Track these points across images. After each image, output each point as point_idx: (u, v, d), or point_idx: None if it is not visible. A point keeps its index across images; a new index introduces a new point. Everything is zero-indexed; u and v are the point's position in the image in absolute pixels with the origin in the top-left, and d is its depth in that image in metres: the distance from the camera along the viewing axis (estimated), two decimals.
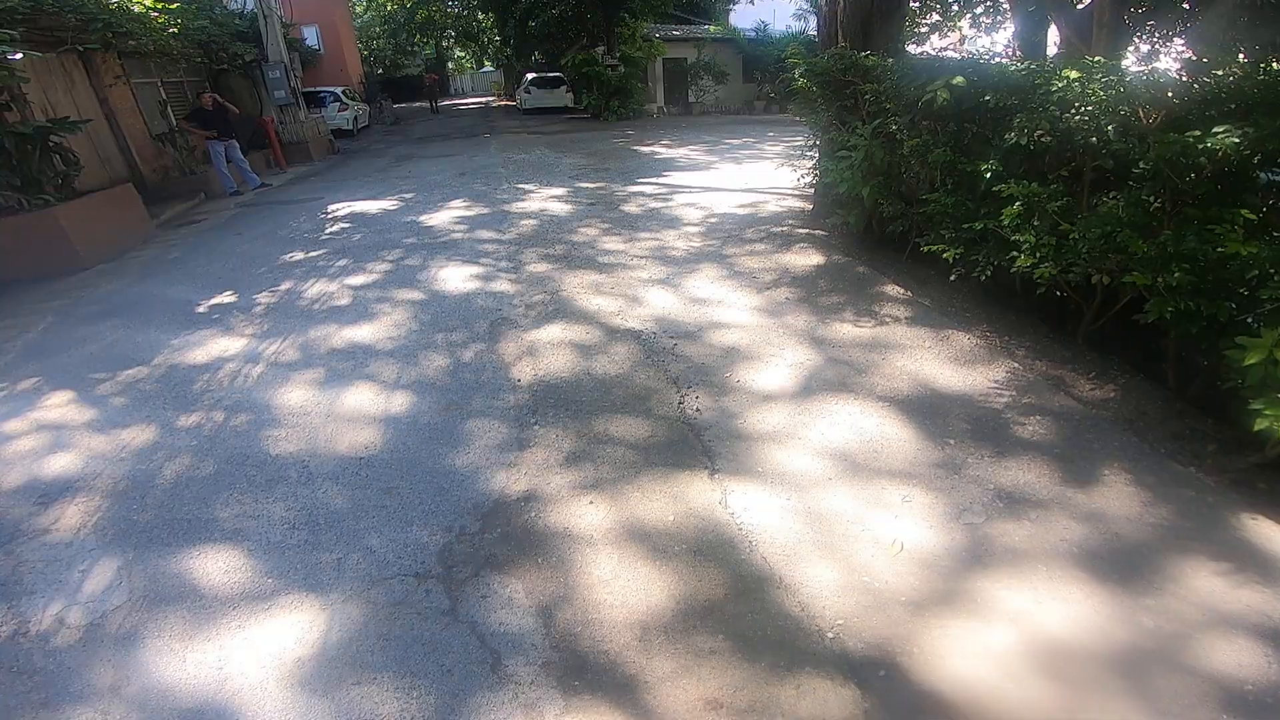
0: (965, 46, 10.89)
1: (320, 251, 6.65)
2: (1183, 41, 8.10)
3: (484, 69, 47.34)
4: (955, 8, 10.55)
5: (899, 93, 4.84)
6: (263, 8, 14.34)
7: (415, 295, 5.26)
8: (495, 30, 29.55)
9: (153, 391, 3.96)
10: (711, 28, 26.19)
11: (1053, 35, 9.04)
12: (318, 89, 19.92)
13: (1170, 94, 3.19)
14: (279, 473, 3.11)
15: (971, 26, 10.82)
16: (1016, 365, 3.81)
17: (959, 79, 4.14)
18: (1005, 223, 3.61)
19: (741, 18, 29.08)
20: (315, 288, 5.55)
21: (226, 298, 5.45)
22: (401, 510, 2.82)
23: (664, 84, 23.89)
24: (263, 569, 2.54)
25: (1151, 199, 3.22)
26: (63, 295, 5.96)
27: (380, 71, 39.65)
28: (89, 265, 6.89)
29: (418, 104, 34.54)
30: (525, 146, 14.61)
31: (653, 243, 6.35)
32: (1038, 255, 3.47)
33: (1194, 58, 3.27)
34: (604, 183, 9.58)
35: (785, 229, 6.65)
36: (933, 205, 4.30)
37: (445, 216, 7.78)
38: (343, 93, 20.40)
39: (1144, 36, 8.45)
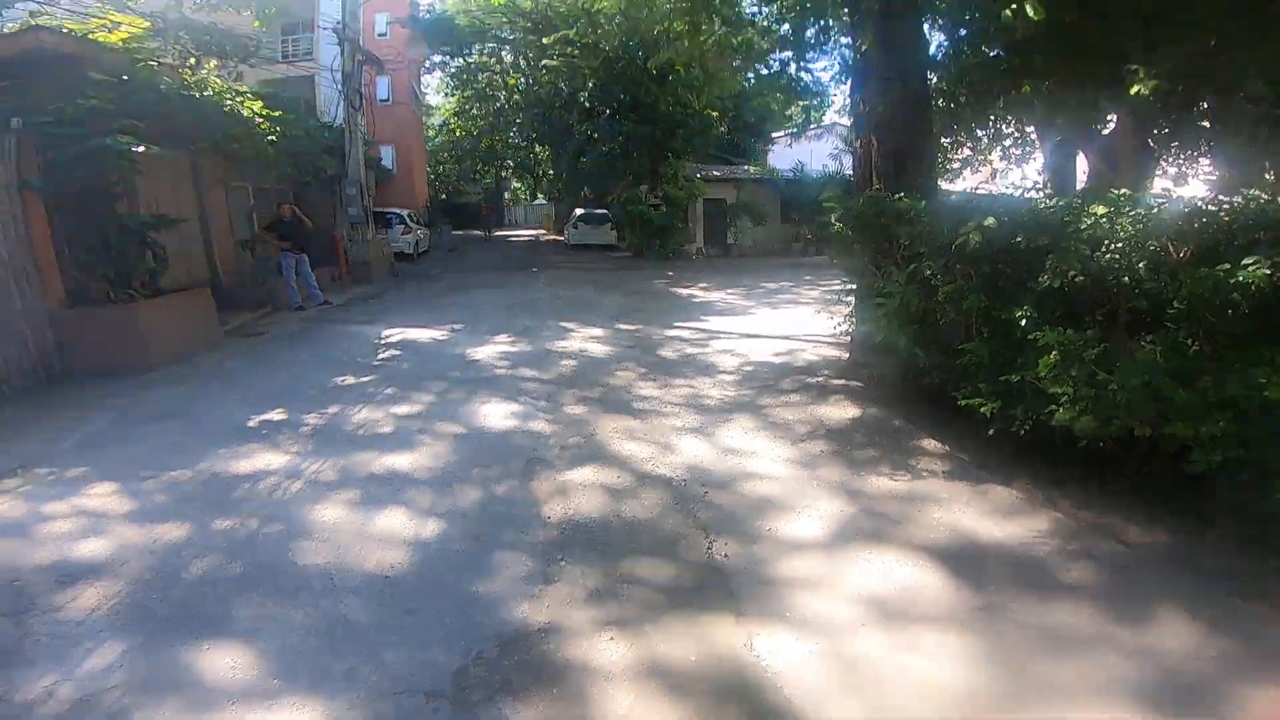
0: (997, 180, 11.10)
1: (370, 378, 7.02)
2: (1209, 162, 8.12)
3: (537, 201, 50.03)
4: (985, 141, 10.76)
5: (932, 236, 4.90)
6: (350, 125, 15.61)
7: (456, 429, 5.48)
8: (550, 164, 31.41)
9: (193, 493, 4.15)
10: (751, 168, 27.20)
11: (1082, 165, 9.20)
12: (386, 210, 21.20)
13: (1197, 223, 3.23)
14: (304, 581, 3.19)
15: (1002, 159, 11.01)
16: (1059, 515, 3.81)
17: (990, 220, 4.23)
18: (1042, 374, 3.65)
19: (779, 158, 29.64)
20: (362, 413, 5.82)
21: (277, 415, 5.76)
22: (421, 629, 2.85)
23: (703, 224, 24.69)
24: (270, 669, 2.57)
25: (1189, 341, 3.24)
26: (126, 394, 6.35)
27: (444, 196, 42.19)
28: (156, 366, 7.21)
29: (475, 231, 36.47)
30: (571, 283, 15.43)
31: (687, 390, 6.55)
32: (1077, 408, 3.48)
33: (1220, 178, 3.38)
34: (642, 325, 10.01)
35: (821, 379, 6.84)
36: (968, 356, 4.39)
37: (491, 351, 8.17)
38: (409, 216, 21.85)
39: (1170, 159, 8.48)
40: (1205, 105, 6.85)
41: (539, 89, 25.61)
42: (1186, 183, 8.30)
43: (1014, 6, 4.55)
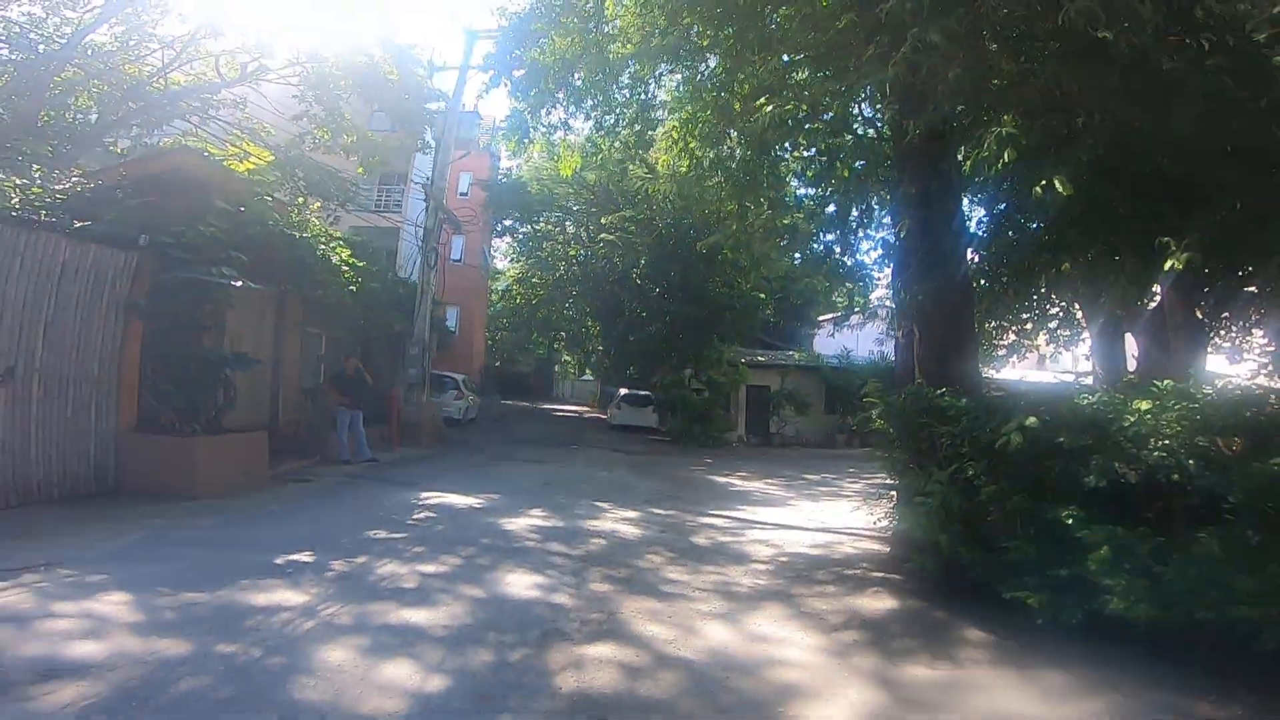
0: (1045, 365, 10.63)
1: (402, 535, 7.05)
2: (1263, 334, 7.73)
3: (584, 377, 49.96)
4: (1030, 324, 10.51)
5: (974, 436, 4.90)
6: (423, 282, 16.05)
7: (478, 592, 5.40)
8: (599, 339, 31.81)
9: (204, 617, 4.13)
10: (796, 354, 27.05)
11: (1131, 345, 8.86)
12: (443, 373, 21.28)
13: (1248, 413, 3.17)
14: (293, 714, 3.09)
15: (1049, 342, 10.69)
16: (1120, 697, 3.53)
17: (1031, 420, 4.22)
18: (1094, 568, 3.52)
19: (825, 345, 29.20)
20: (388, 567, 5.82)
21: (305, 557, 5.80)
22: None
23: (745, 412, 24.25)
24: None
25: (1250, 534, 3.11)
26: (165, 516, 6.57)
27: (498, 363, 42.44)
28: (198, 498, 7.36)
29: (522, 402, 36.64)
30: (609, 464, 15.46)
31: (717, 576, 6.33)
32: (1131, 598, 3.33)
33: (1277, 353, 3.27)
34: (676, 510, 9.87)
35: (859, 571, 6.56)
36: (1013, 553, 4.24)
37: (523, 523, 8.14)
38: (463, 382, 22.12)
39: (1221, 333, 8.09)
40: (1251, 269, 6.56)
41: (596, 261, 26.73)
42: (1241, 359, 7.96)
43: (1044, 183, 4.71)
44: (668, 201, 22.40)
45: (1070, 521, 3.83)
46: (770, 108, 6.20)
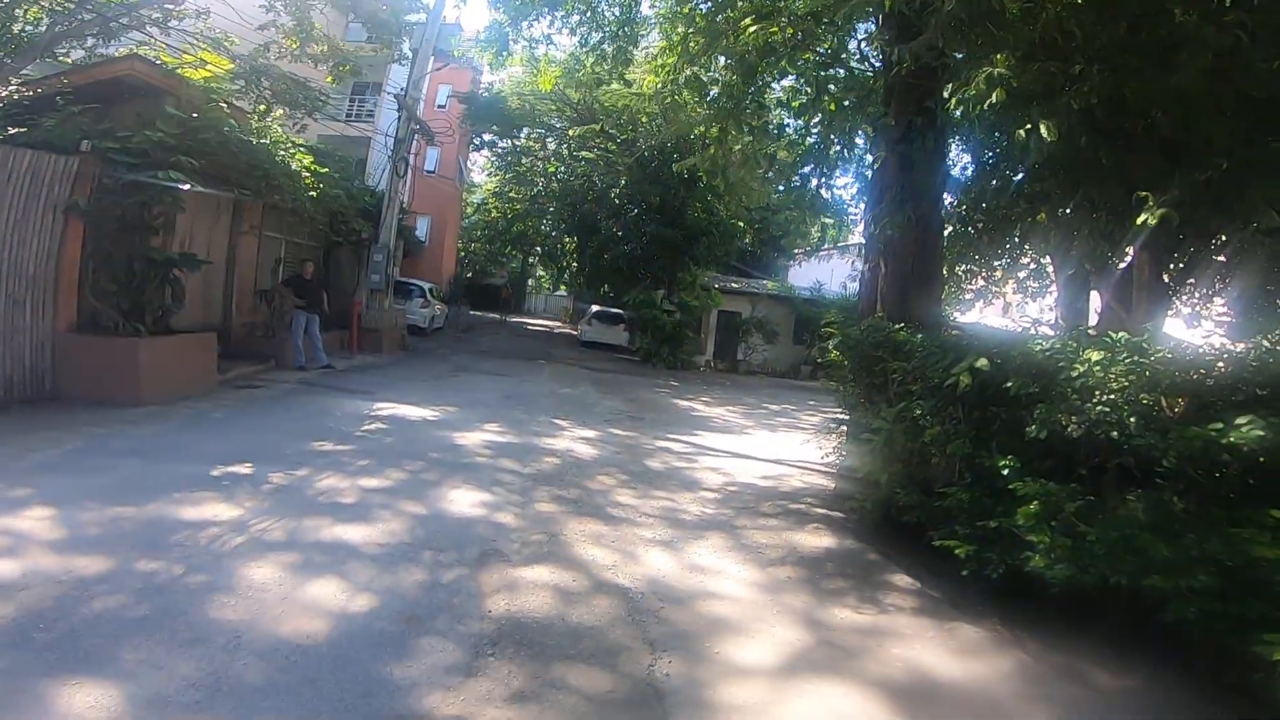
0: (1012, 314, 10.72)
1: (349, 447, 6.95)
2: (1223, 303, 7.76)
3: (558, 292, 49.99)
4: (1000, 272, 10.42)
5: (925, 374, 4.80)
6: (390, 191, 15.81)
7: (419, 509, 5.36)
8: (575, 256, 31.38)
9: (129, 532, 4.04)
10: (769, 284, 26.98)
11: (1096, 302, 8.67)
12: (409, 280, 21.23)
13: (1195, 374, 3.13)
14: (206, 634, 3.05)
15: (1017, 292, 10.65)
16: (1027, 657, 3.65)
17: (982, 362, 4.15)
18: (1021, 522, 3.55)
19: (801, 276, 29.15)
20: (328, 481, 5.73)
21: (243, 469, 5.68)
22: (316, 701, 2.69)
23: (715, 337, 24.39)
24: (134, 717, 2.43)
25: (1176, 500, 3.14)
26: (104, 424, 6.39)
27: (469, 275, 41.63)
28: (143, 404, 7.22)
29: (492, 314, 36.43)
30: (573, 381, 15.47)
31: (666, 503, 6.40)
32: (1052, 556, 3.38)
33: (1235, 321, 3.23)
34: (636, 432, 9.93)
35: (803, 506, 6.67)
36: (949, 499, 4.28)
37: (477, 438, 8.10)
38: (430, 290, 21.82)
39: (1184, 298, 8.06)
40: (1223, 239, 6.49)
41: (575, 180, 26.16)
42: (1200, 324, 7.88)
43: (1028, 127, 4.56)
44: (650, 123, 21.68)
45: (1006, 471, 3.80)
46: (755, 28, 5.87)
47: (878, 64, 8.02)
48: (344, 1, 13.46)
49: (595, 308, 27.16)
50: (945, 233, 7.65)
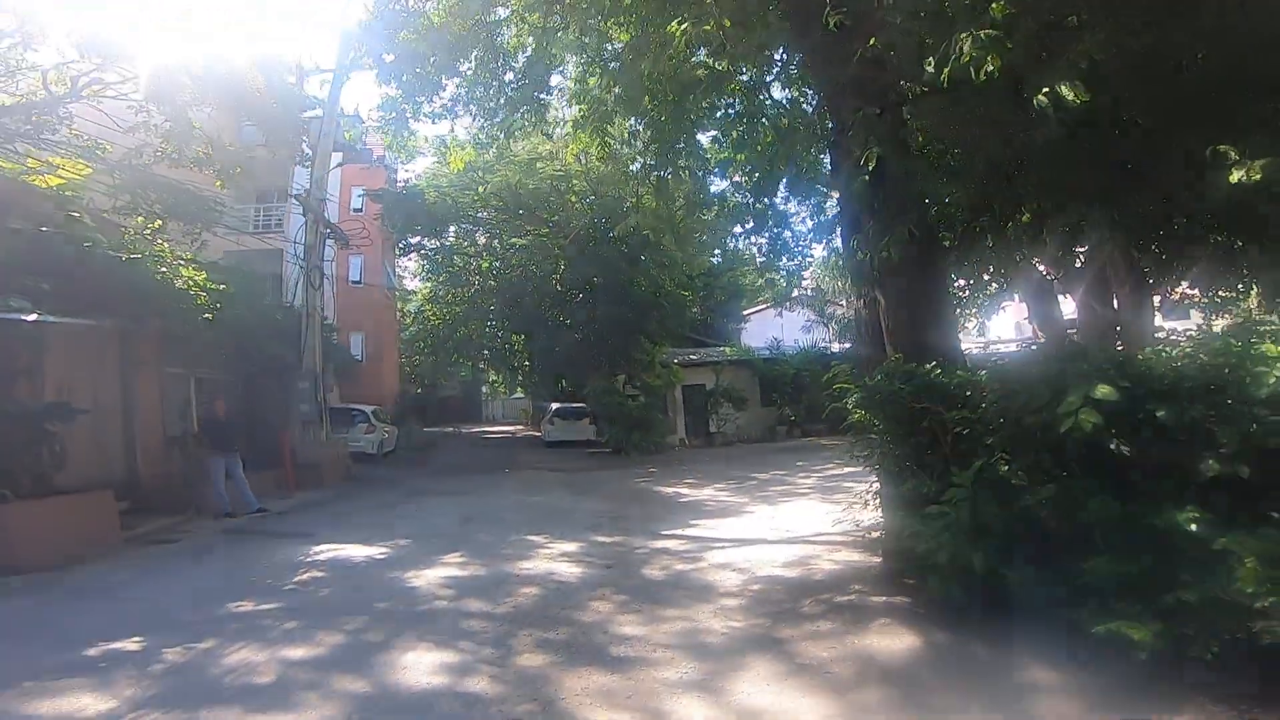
0: (985, 335, 10.79)
1: (274, 605, 5.68)
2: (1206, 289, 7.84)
3: (515, 395, 48.12)
4: (966, 294, 10.28)
5: (1006, 420, 3.89)
6: (308, 306, 14.49)
7: (358, 686, 4.05)
8: (525, 355, 29.85)
9: None
10: (728, 350, 26.40)
11: (1069, 308, 8.68)
12: (350, 406, 20.07)
13: None
14: None
15: (976, 311, 10.78)
16: None
17: (1104, 390, 3.16)
18: (1247, 590, 2.57)
19: (752, 336, 29.16)
20: (241, 653, 4.55)
21: (130, 644, 4.69)
22: None
23: (684, 413, 23.63)
24: None
25: None
26: None
27: (419, 390, 40.51)
28: (21, 572, 6.34)
29: (448, 428, 35.04)
30: (543, 487, 14.04)
31: (682, 623, 5.09)
32: None
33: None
34: (623, 535, 8.57)
35: (853, 597, 5.37)
36: (1095, 571, 3.18)
37: (434, 575, 6.71)
38: (373, 413, 20.37)
39: (1165, 287, 8.07)
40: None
41: (511, 272, 24.85)
42: (1181, 312, 8.03)
43: (1046, 90, 4.04)
44: (580, 200, 21.22)
45: (1193, 527, 2.75)
46: (683, 28, 5.20)
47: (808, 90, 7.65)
48: (231, 100, 12.60)
49: (555, 405, 26.04)
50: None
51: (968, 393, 4.25)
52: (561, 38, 8.31)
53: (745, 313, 35.94)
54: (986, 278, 9.95)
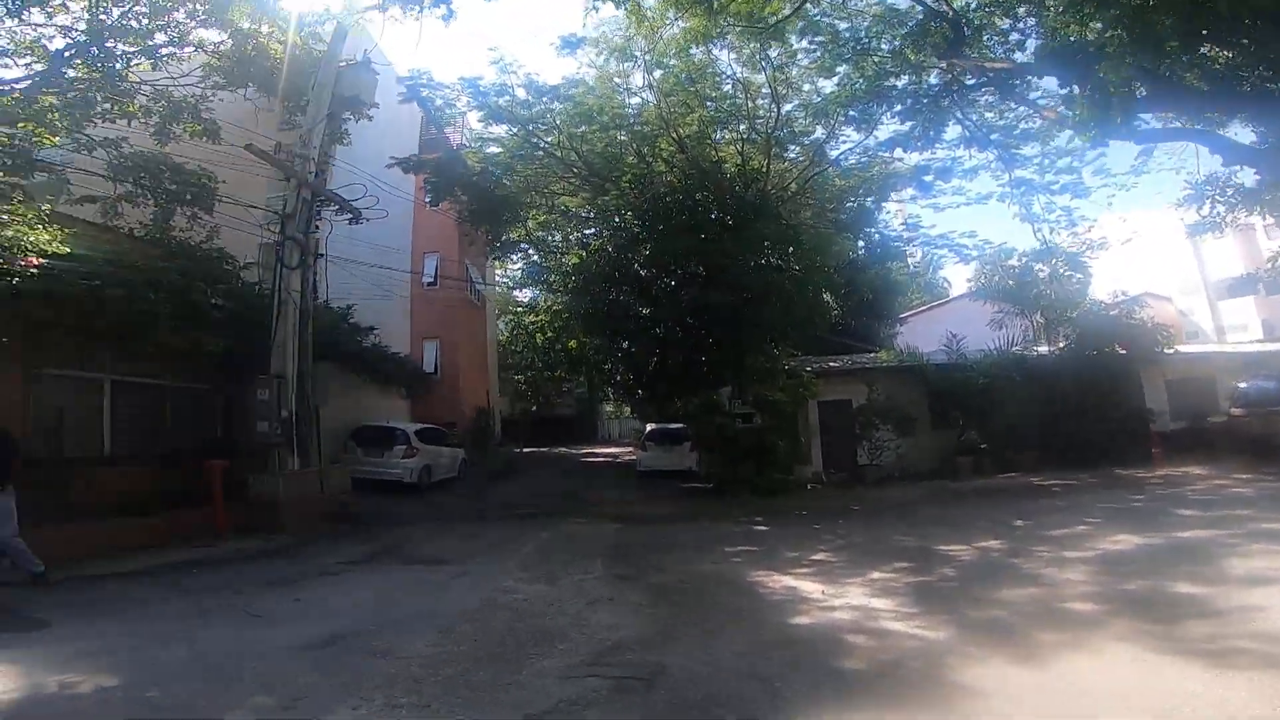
0: None
1: None
2: None
3: (629, 414, 44.02)
4: None
5: None
6: (279, 291, 10.99)
7: None
8: (622, 364, 23.75)
9: None
10: (881, 354, 20.23)
11: None
12: (388, 424, 16.54)
13: None
14: None
15: None
16: None
17: None
18: None
19: (919, 337, 22.50)
20: None
21: None
22: None
23: (820, 438, 17.07)
24: None
25: None
26: None
27: (534, 408, 38.83)
28: None
29: (558, 449, 32.12)
30: (573, 553, 8.94)
31: None
32: None
33: None
34: None
35: None
36: None
37: None
38: (417, 433, 16.40)
39: None
40: None
41: (592, 262, 19.49)
42: None
43: None
44: (667, 164, 16.38)
45: None
46: None
47: None
48: None
49: (650, 428, 21.22)
50: None
51: None
52: None
53: (901, 316, 29.43)
54: None
